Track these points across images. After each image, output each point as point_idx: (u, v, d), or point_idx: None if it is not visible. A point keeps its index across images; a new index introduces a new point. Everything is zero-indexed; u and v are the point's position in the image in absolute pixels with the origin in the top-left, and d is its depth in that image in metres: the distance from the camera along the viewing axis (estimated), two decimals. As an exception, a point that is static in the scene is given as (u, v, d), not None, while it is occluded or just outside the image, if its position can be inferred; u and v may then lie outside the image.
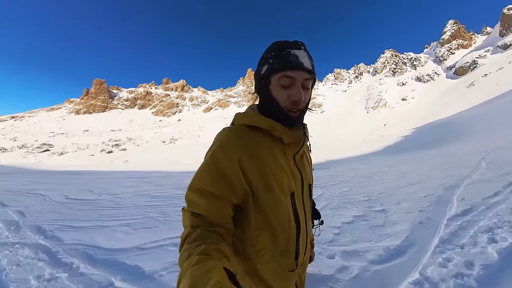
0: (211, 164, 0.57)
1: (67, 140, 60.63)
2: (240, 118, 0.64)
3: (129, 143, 56.56)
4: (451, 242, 2.06)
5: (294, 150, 0.65)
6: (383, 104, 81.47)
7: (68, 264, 1.97)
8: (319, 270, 1.81)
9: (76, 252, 2.19)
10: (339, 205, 3.56)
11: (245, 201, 0.59)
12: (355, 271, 1.75)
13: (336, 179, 6.09)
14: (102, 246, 2.33)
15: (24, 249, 2.27)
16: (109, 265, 1.96)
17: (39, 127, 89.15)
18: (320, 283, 1.65)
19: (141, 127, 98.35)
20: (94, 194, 5.18)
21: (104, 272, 1.86)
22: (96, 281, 1.73)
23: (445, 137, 17.64)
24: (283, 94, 0.58)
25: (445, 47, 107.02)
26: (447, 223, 2.46)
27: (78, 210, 3.79)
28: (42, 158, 42.83)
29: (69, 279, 1.75)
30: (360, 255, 1.99)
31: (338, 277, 1.70)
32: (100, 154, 45.28)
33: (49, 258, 2.09)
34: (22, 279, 1.76)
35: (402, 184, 4.68)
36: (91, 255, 2.13)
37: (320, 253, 2.07)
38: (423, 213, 2.85)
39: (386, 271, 1.75)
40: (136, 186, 6.50)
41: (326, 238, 2.35)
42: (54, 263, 2.00)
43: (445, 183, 4.27)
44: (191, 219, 0.56)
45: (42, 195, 5.01)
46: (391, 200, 3.63)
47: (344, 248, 2.14)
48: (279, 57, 0.57)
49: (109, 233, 2.71)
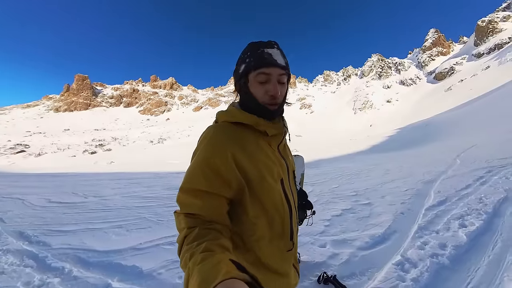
0: (201, 163, 0.57)
1: (46, 140, 56.67)
2: (223, 115, 0.67)
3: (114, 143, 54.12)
4: (428, 228, 2.31)
5: (278, 141, 0.71)
6: (370, 105, 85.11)
7: (59, 269, 1.89)
8: (313, 258, 1.95)
9: (66, 256, 2.11)
10: (328, 200, 3.75)
11: (240, 194, 0.60)
12: (344, 257, 1.92)
13: (326, 177, 6.30)
14: (94, 248, 2.26)
15: (7, 255, 2.14)
16: (104, 267, 1.92)
17: (13, 125, 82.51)
18: (314, 269, 1.80)
19: (127, 126, 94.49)
20: (79, 197, 4.95)
21: (99, 274, 1.81)
22: (91, 283, 1.69)
23: (425, 137, 18.87)
24: (260, 90, 0.63)
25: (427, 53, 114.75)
26: (424, 213, 2.73)
27: (63, 214, 3.61)
28: (16, 159, 39.73)
29: (62, 284, 1.69)
30: (348, 243, 2.17)
31: (330, 263, 1.86)
32: (83, 155, 42.90)
33: (37, 263, 2.00)
34: (9, 287, 1.67)
35: (387, 180, 5.01)
36: (83, 258, 2.06)
37: (313, 243, 2.22)
38: (404, 205, 3.11)
39: (372, 255, 1.94)
40: (124, 188, 6.28)
41: (318, 230, 2.52)
42: (43, 269, 1.91)
43: (424, 178, 4.64)
44: (186, 220, 0.55)
45: (20, 199, 4.69)
46: (376, 194, 3.90)
47: (334, 237, 2.32)
48: (254, 56, 0.62)
49: (100, 236, 2.63)
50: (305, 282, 1.67)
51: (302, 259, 1.92)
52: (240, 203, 0.61)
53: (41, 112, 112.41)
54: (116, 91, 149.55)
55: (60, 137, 60.36)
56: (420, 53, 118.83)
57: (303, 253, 2.01)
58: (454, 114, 27.07)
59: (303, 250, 2.06)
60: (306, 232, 2.45)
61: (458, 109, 31.69)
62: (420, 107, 61.51)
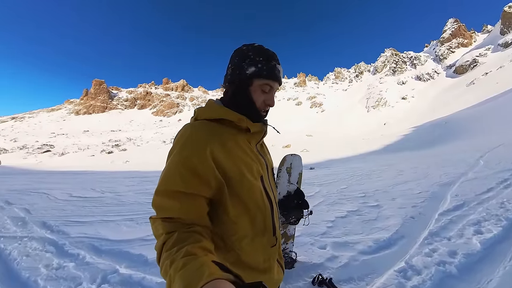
0: (178, 162, 0.55)
1: (68, 140, 60.74)
2: (205, 112, 0.66)
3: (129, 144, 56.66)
4: (439, 234, 2.15)
5: (257, 138, 0.71)
6: (383, 103, 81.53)
7: (75, 255, 2.07)
8: (310, 259, 1.90)
9: (82, 244, 2.30)
10: (335, 201, 3.65)
11: (220, 193, 0.59)
12: (344, 260, 1.85)
13: (335, 177, 6.18)
14: (107, 238, 2.44)
15: (32, 242, 2.38)
16: (114, 255, 2.06)
17: (40, 127, 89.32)
18: (310, 270, 1.75)
19: (141, 127, 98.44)
20: (97, 192, 5.29)
21: (109, 261, 1.96)
22: (101, 269, 1.83)
23: (443, 136, 17.77)
24: (261, 97, 0.67)
25: (445, 45, 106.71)
26: (438, 218, 2.55)
27: (82, 207, 3.89)
28: (43, 158, 42.94)
29: (76, 268, 1.85)
30: (350, 246, 2.09)
31: (328, 265, 1.81)
32: (101, 154, 45.37)
33: (56, 249, 2.20)
34: (33, 268, 1.87)
35: (399, 182, 4.78)
36: (97, 246, 2.23)
37: (313, 244, 2.17)
38: (416, 209, 2.94)
39: (374, 260, 1.85)
40: (137, 185, 6.60)
41: (319, 231, 2.45)
42: (61, 254, 2.11)
43: (441, 180, 4.36)
44: (164, 226, 0.52)
45: (46, 193, 5.11)
46: (386, 196, 3.73)
47: (335, 239, 2.24)
48: (268, 66, 0.65)
49: (113, 227, 2.81)
50: (299, 283, 1.64)
51: (299, 259, 1.87)
52: (220, 202, 0.60)
53: (64, 115, 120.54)
54: (131, 94, 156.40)
55: (80, 138, 64.37)
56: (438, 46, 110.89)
57: (300, 253, 1.96)
58: (477, 110, 25.18)
59: (301, 251, 2.01)
60: (307, 232, 2.39)
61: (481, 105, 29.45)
62: (439, 104, 57.87)
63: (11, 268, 1.89)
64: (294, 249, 1.91)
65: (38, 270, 1.83)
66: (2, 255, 2.11)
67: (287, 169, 1.74)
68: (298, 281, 1.66)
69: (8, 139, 61.38)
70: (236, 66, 0.66)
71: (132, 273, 1.75)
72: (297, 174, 1.79)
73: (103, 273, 1.76)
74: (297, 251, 1.92)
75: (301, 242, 2.19)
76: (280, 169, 1.72)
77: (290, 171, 1.75)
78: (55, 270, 1.83)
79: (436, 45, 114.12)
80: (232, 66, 0.67)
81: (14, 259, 2.01)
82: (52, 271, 1.81)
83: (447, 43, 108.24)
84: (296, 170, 1.78)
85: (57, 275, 1.76)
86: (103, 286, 1.62)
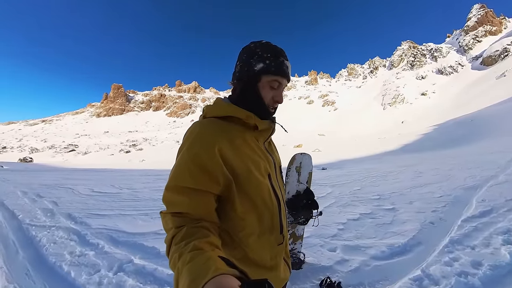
0: (187, 159, 0.56)
1: (90, 141, 65.06)
2: (213, 110, 0.66)
3: (145, 143, 59.33)
4: (461, 242, 1.98)
5: (265, 136, 0.71)
6: (401, 100, 77.19)
7: (95, 244, 2.23)
8: (319, 261, 1.84)
9: (101, 234, 2.47)
10: (347, 203, 3.53)
11: (228, 190, 0.60)
12: (354, 265, 1.77)
13: (348, 178, 6.00)
14: (124, 230, 2.59)
15: (59, 231, 2.60)
16: (130, 246, 2.20)
17: (66, 129, 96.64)
18: (318, 273, 1.70)
19: (156, 128, 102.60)
20: (115, 189, 5.62)
21: (125, 251, 2.09)
22: (118, 258, 1.96)
23: (469, 135, 16.44)
24: (269, 94, 0.66)
25: (470, 34, 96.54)
26: (461, 224, 2.35)
27: (102, 201, 4.16)
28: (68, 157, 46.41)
29: (95, 256, 2.00)
30: (362, 250, 1.99)
31: (337, 269, 1.74)
32: (119, 153, 48.01)
33: (79, 239, 2.39)
34: (59, 254, 2.06)
35: (417, 184, 4.52)
36: (114, 237, 2.39)
37: (322, 245, 2.10)
38: (436, 213, 2.75)
39: (387, 267, 1.74)
40: (152, 182, 6.91)
41: (329, 233, 2.37)
42: (83, 243, 2.28)
43: (466, 183, 4.04)
44: (173, 220, 0.54)
45: (71, 188, 5.53)
46: (403, 199, 3.53)
47: (346, 242, 2.15)
48: (276, 62, 0.64)
49: (130, 220, 2.98)
50: (306, 285, 1.59)
51: (307, 261, 1.83)
52: (228, 199, 0.60)
53: (86, 117, 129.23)
54: (146, 96, 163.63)
55: (101, 138, 68.56)
56: (462, 35, 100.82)
57: (309, 254, 1.91)
58: (509, 106, 23.00)
59: (310, 252, 1.96)
60: (317, 234, 2.32)
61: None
62: (463, 99, 53.56)
63: (40, 253, 2.10)
64: (303, 250, 1.87)
65: (63, 256, 2.01)
66: (33, 241, 2.35)
67: (297, 168, 1.70)
68: (306, 282, 1.61)
69: (39, 140, 67.17)
70: (244, 63, 0.66)
71: (145, 264, 1.84)
72: (306, 174, 1.74)
73: (119, 262, 1.88)
74: (305, 252, 1.88)
75: (310, 243, 2.12)
76: (290, 168, 1.69)
77: (300, 170, 1.71)
78: (77, 257, 1.99)
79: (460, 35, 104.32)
80: (240, 63, 0.67)
81: (43, 245, 2.23)
82: (75, 258, 1.98)
83: (472, 32, 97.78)
84: (306, 170, 1.74)
85: (79, 261, 1.92)
86: (119, 274, 1.73)
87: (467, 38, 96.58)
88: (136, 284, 1.61)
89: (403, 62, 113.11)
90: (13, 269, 1.84)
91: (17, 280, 1.69)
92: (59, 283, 1.67)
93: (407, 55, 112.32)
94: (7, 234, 2.56)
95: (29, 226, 2.78)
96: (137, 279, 1.68)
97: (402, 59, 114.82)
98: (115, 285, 1.61)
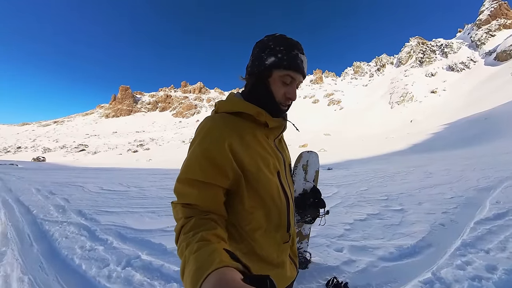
0: (198, 153, 0.57)
1: (99, 141, 66.89)
2: (225, 105, 0.66)
3: (152, 143, 60.40)
4: (475, 246, 1.90)
5: (276, 134, 0.69)
6: (409, 98, 75.10)
7: (104, 240, 2.30)
8: (325, 260, 1.82)
9: (110, 231, 2.54)
10: (354, 203, 3.46)
11: (237, 184, 0.60)
12: (361, 265, 1.74)
13: (355, 179, 5.90)
14: (132, 227, 2.65)
15: (70, 226, 2.70)
16: (137, 242, 2.25)
17: (76, 130, 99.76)
18: (324, 273, 1.68)
19: (163, 128, 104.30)
20: (124, 187, 5.76)
21: (133, 247, 2.14)
22: (126, 254, 2.01)
23: (482, 134, 15.82)
24: (281, 90, 0.64)
25: (483, 29, 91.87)
26: (473, 227, 2.26)
27: (111, 199, 4.27)
28: (79, 157, 47.92)
29: (104, 251, 2.06)
30: (369, 251, 1.95)
31: (344, 269, 1.71)
32: (127, 153, 49.12)
33: (89, 234, 2.47)
34: (70, 248, 2.14)
35: (427, 185, 4.39)
36: (122, 233, 2.45)
37: (329, 245, 2.07)
38: (447, 215, 2.65)
39: (395, 268, 1.70)
40: (159, 181, 7.03)
41: (336, 233, 2.34)
42: (93, 238, 2.36)
43: (479, 184, 3.89)
44: (183, 211, 0.56)
45: (81, 186, 5.71)
46: (411, 200, 3.44)
47: (353, 243, 2.11)
48: (289, 56, 0.61)
49: (137, 218, 3.04)
50: (312, 284, 1.58)
51: (313, 260, 1.80)
52: (237, 193, 0.61)
53: (96, 118, 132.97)
54: (152, 97, 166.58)
55: (110, 139, 70.36)
56: (474, 30, 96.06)
57: (315, 254, 1.89)
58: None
59: (316, 252, 1.94)
60: (323, 233, 2.30)
61: (531, 97, 25.61)
62: (476, 97, 51.52)
63: (53, 247, 2.19)
64: (309, 250, 1.85)
65: (74, 250, 2.08)
66: (47, 235, 2.46)
67: (303, 166, 1.68)
68: (312, 282, 1.60)
69: (51, 140, 69.68)
70: (255, 57, 0.64)
71: (152, 260, 1.88)
72: (313, 172, 1.71)
73: (127, 258, 1.92)
74: (312, 252, 1.85)
75: (316, 243, 2.10)
76: (296, 166, 1.66)
77: (307, 169, 1.68)
78: (87, 251, 2.06)
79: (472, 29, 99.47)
80: (252, 58, 0.65)
81: (56, 239, 2.32)
82: (86, 252, 2.04)
83: (485, 26, 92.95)
84: (313, 168, 1.70)
85: (89, 255, 1.98)
86: (127, 269, 1.77)
87: (479, 32, 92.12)
88: (143, 279, 1.64)
89: (411, 59, 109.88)
90: (27, 261, 1.92)
91: (31, 271, 1.76)
92: (71, 275, 1.73)
93: (415, 52, 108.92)
94: (23, 228, 2.68)
95: (43, 221, 2.89)
96: (144, 274, 1.71)
97: (411, 55, 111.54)
98: (123, 279, 1.65)
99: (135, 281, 1.62)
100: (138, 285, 1.59)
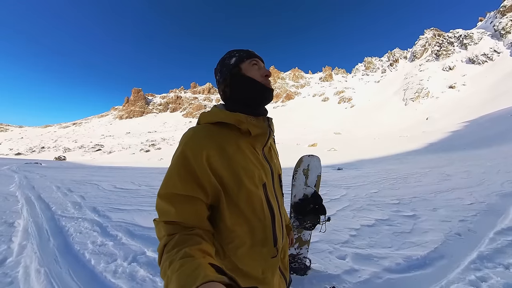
0: (179, 165, 0.56)
1: (114, 141, 70.04)
2: (205, 117, 0.66)
3: (163, 143, 62.24)
4: (492, 259, 1.73)
5: (262, 142, 0.68)
6: (425, 94, 71.35)
7: (114, 236, 2.42)
8: (326, 268, 1.75)
9: (120, 227, 2.66)
10: (362, 207, 3.31)
11: (217, 200, 0.59)
12: (364, 276, 1.64)
13: (365, 180, 5.71)
14: (140, 224, 2.77)
15: (84, 222, 2.87)
16: (144, 239, 2.34)
17: (93, 131, 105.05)
18: (324, 281, 1.61)
19: (173, 128, 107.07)
20: (135, 185, 5.99)
21: (140, 244, 2.23)
22: (133, 250, 2.10)
23: (508, 133, 14.69)
24: (256, 72, 0.69)
25: (508, 16, 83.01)
26: (493, 237, 2.08)
27: (123, 197, 4.47)
28: (95, 156, 50.46)
29: (114, 247, 2.17)
30: (374, 260, 1.84)
31: (344, 278, 1.62)
32: (140, 152, 50.99)
33: (101, 230, 2.60)
34: (83, 243, 2.27)
35: (444, 188, 4.12)
36: (131, 230, 2.56)
37: (331, 252, 1.99)
38: (464, 223, 2.45)
39: (401, 281, 1.58)
40: (168, 180, 7.25)
41: (340, 239, 2.24)
42: (104, 234, 2.49)
43: (503, 189, 3.60)
44: (166, 228, 0.54)
45: (96, 184, 6.02)
46: (425, 205, 3.23)
47: (357, 250, 2.01)
48: (244, 52, 0.70)
49: (146, 215, 3.16)
50: None
51: (313, 267, 1.74)
52: (217, 210, 0.60)
53: (110, 119, 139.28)
54: (163, 99, 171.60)
55: (123, 139, 73.42)
56: (497, 18, 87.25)
57: (315, 260, 1.82)
58: (558, 97, 20.09)
59: (317, 258, 1.87)
60: (326, 239, 2.21)
61: None
62: (500, 91, 47.78)
63: (68, 241, 2.33)
64: (309, 256, 1.78)
65: (86, 245, 2.21)
66: (63, 230, 2.62)
67: (304, 170, 1.62)
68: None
69: (71, 140, 74.03)
70: (221, 66, 0.70)
71: (156, 257, 1.93)
72: (315, 177, 1.65)
73: (134, 254, 2.01)
74: (312, 258, 1.78)
75: (318, 248, 2.02)
76: (296, 170, 1.61)
77: (307, 173, 1.63)
78: (98, 246, 2.18)
79: (495, 17, 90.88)
80: (219, 72, 0.70)
81: (70, 234, 2.48)
82: (96, 247, 2.16)
83: (510, 13, 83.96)
84: (314, 172, 1.65)
85: (99, 250, 2.10)
86: (132, 264, 1.85)
87: (503, 20, 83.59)
88: (146, 275, 1.71)
89: (426, 52, 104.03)
90: (44, 254, 2.05)
91: (47, 264, 1.89)
92: (81, 270, 1.83)
93: (431, 45, 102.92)
94: (42, 223, 2.87)
95: (60, 217, 3.08)
96: (148, 270, 1.78)
97: (426, 49, 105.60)
98: (128, 274, 1.73)
99: (138, 277, 1.69)
100: (140, 280, 1.65)
